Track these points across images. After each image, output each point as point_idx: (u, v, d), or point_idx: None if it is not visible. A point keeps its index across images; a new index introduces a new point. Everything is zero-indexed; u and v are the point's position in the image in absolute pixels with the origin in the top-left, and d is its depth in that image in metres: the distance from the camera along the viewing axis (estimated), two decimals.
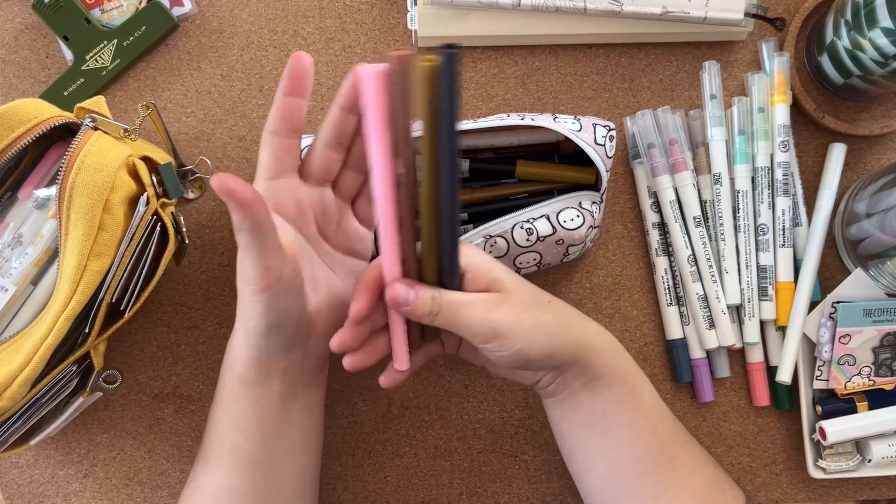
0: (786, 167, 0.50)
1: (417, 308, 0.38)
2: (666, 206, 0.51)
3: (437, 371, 0.53)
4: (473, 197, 0.50)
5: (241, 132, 0.53)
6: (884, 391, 0.50)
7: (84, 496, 0.52)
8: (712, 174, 0.51)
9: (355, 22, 0.53)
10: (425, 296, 0.38)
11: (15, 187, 0.44)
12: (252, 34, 0.53)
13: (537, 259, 0.48)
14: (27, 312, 0.42)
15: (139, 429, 0.52)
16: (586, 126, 0.46)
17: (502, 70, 0.54)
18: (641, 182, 0.52)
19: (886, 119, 0.53)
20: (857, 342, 0.49)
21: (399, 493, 0.53)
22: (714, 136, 0.51)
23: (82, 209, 0.39)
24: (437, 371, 0.53)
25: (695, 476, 0.44)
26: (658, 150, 0.50)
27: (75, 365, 0.44)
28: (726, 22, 0.51)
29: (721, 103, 0.51)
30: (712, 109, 0.51)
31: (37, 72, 0.53)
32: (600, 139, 0.46)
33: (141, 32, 0.52)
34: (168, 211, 0.45)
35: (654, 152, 0.50)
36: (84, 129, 0.41)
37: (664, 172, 0.50)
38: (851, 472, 0.50)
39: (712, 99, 0.51)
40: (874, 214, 0.47)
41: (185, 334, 0.53)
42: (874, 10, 0.44)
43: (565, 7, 0.50)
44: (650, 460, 0.43)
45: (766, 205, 0.50)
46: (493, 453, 0.53)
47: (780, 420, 0.53)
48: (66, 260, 0.40)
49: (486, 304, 0.38)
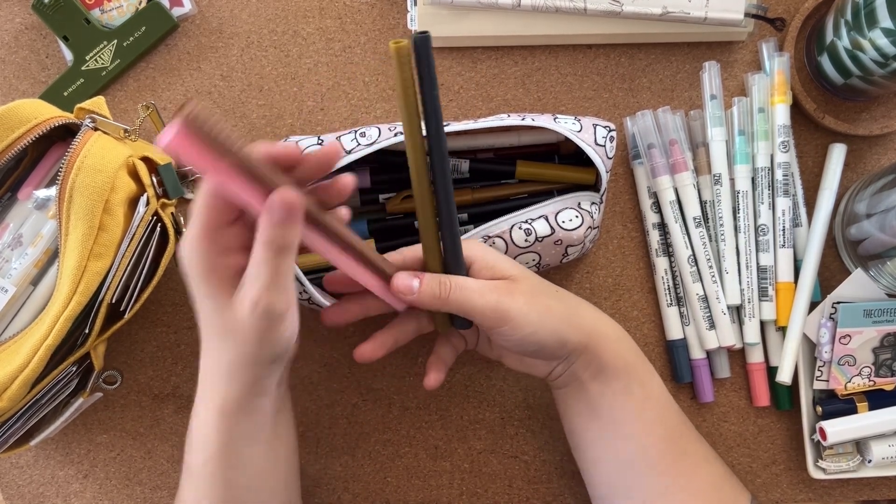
0: (786, 167, 0.50)
1: (425, 293, 0.38)
2: (666, 206, 0.51)
3: None
4: (474, 197, 0.50)
5: (242, 133, 0.53)
6: (884, 391, 0.50)
7: (84, 496, 0.52)
8: (712, 174, 0.51)
9: (355, 22, 0.53)
10: (431, 280, 0.39)
11: (15, 188, 0.44)
12: (252, 34, 0.53)
13: (536, 260, 0.48)
14: (27, 313, 0.42)
15: (139, 429, 0.52)
16: (586, 126, 0.46)
17: (502, 70, 0.53)
18: (641, 182, 0.52)
19: (886, 119, 0.53)
20: (858, 343, 0.49)
21: (399, 493, 0.53)
22: (714, 136, 0.51)
23: (82, 210, 0.39)
24: None
25: (702, 469, 0.44)
26: (658, 150, 0.50)
27: (75, 365, 0.44)
28: (726, 22, 0.51)
29: (721, 103, 0.51)
30: (712, 110, 0.51)
31: (37, 72, 0.53)
32: (600, 140, 0.46)
33: (141, 33, 0.52)
34: (168, 211, 0.45)
35: (655, 152, 0.50)
36: (84, 130, 0.41)
37: (664, 173, 0.50)
38: (851, 472, 0.50)
39: (712, 99, 0.51)
40: (874, 215, 0.47)
41: (185, 334, 0.53)
42: (874, 11, 0.44)
43: (565, 7, 0.50)
44: (658, 452, 0.43)
45: (766, 205, 0.50)
46: (493, 453, 0.53)
47: (781, 420, 0.53)
48: (66, 260, 0.40)
49: (496, 288, 0.39)
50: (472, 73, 0.53)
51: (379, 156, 0.47)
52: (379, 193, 0.50)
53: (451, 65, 0.53)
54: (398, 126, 0.47)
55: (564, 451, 0.53)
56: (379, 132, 0.46)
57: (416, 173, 0.38)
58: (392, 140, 0.45)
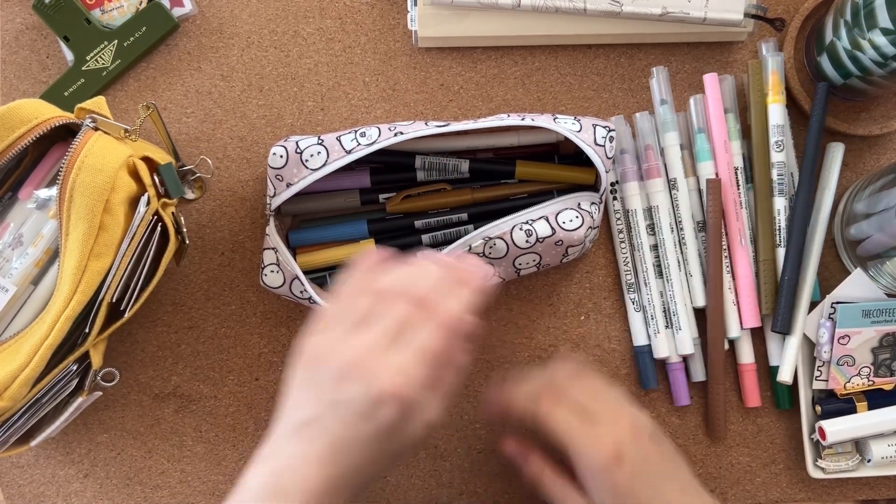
0: (780, 167, 0.50)
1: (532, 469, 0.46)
2: (631, 214, 0.51)
3: None
4: (474, 197, 0.50)
5: (242, 133, 0.53)
6: (883, 391, 0.50)
7: (84, 496, 0.52)
8: (668, 179, 0.51)
9: (355, 22, 0.53)
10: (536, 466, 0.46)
11: (16, 187, 0.44)
12: (252, 35, 0.53)
13: (537, 260, 0.48)
14: (28, 312, 0.43)
15: (139, 429, 0.53)
16: (586, 127, 0.46)
17: (502, 70, 0.54)
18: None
19: (886, 119, 0.53)
20: (857, 343, 0.49)
21: (399, 493, 0.53)
22: (668, 141, 0.51)
23: (83, 209, 0.39)
24: None
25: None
26: (630, 155, 0.51)
27: (75, 364, 0.44)
28: (726, 22, 0.51)
29: (672, 108, 0.51)
30: (663, 115, 0.51)
31: (37, 72, 0.53)
32: (600, 140, 0.46)
33: (141, 33, 0.52)
34: (168, 211, 0.45)
35: (626, 157, 0.51)
36: (84, 130, 0.41)
37: (633, 179, 0.51)
38: (851, 472, 0.50)
39: (662, 104, 0.51)
40: (873, 215, 0.48)
41: (185, 334, 0.53)
42: (873, 11, 0.44)
43: (565, 7, 0.50)
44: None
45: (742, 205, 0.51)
46: (493, 453, 0.53)
47: (780, 420, 0.53)
48: (66, 260, 0.40)
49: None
50: (472, 73, 0.54)
51: (379, 156, 0.47)
52: (379, 193, 0.50)
53: (451, 65, 0.54)
54: (398, 125, 0.47)
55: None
56: (379, 132, 0.46)
57: None
58: (392, 140, 0.45)
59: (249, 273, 0.53)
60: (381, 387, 0.35)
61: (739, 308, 0.51)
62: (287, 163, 0.46)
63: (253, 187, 0.53)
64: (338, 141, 0.46)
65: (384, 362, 0.36)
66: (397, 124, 0.47)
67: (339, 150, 0.46)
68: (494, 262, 0.47)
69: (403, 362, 0.36)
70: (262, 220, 0.53)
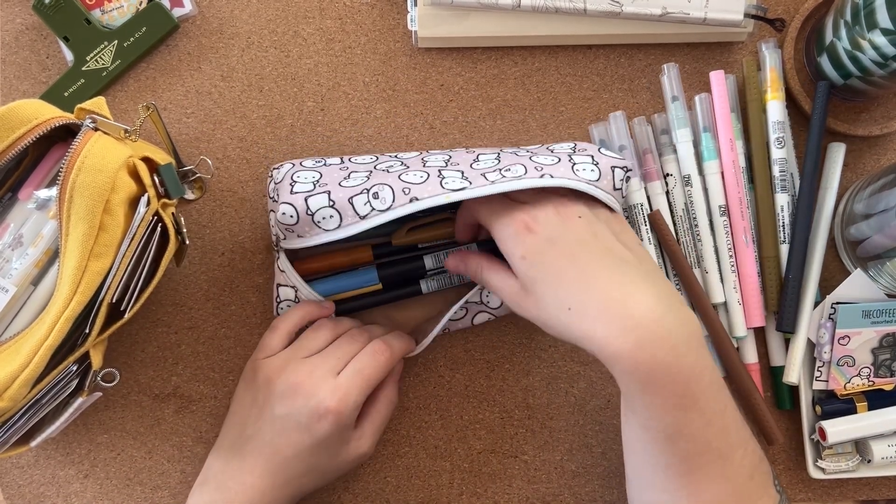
0: (782, 164, 0.50)
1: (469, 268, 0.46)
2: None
3: (438, 371, 0.53)
4: None
5: (242, 133, 0.53)
6: (883, 391, 0.50)
7: (85, 496, 0.52)
8: (682, 176, 0.51)
9: (355, 23, 0.53)
10: (474, 264, 0.45)
11: (15, 188, 0.44)
12: (252, 35, 0.53)
13: None
14: (27, 313, 0.42)
15: (139, 429, 0.53)
16: (605, 171, 0.43)
17: (502, 70, 0.54)
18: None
19: (886, 120, 0.53)
20: (857, 343, 0.49)
21: (399, 493, 0.53)
22: (680, 138, 0.51)
23: (83, 210, 0.39)
24: (437, 371, 0.53)
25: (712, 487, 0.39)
26: (629, 151, 0.52)
27: (75, 365, 0.44)
28: (726, 23, 0.51)
29: (684, 104, 0.51)
30: (675, 111, 0.51)
31: (37, 72, 0.53)
32: (618, 183, 0.44)
33: (141, 33, 0.52)
34: (169, 211, 0.45)
35: (626, 154, 0.52)
36: (84, 130, 0.41)
37: (634, 176, 0.51)
38: (851, 472, 0.50)
39: (674, 101, 0.51)
40: (873, 215, 0.48)
41: (185, 334, 0.53)
42: (874, 11, 0.44)
43: (565, 8, 0.50)
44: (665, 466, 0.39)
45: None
46: (493, 453, 0.53)
47: (780, 420, 0.53)
48: (66, 261, 0.40)
49: (511, 293, 0.42)
50: (472, 73, 0.54)
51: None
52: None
53: (451, 65, 0.54)
54: (412, 189, 0.43)
55: (564, 451, 0.53)
56: (393, 194, 0.43)
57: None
58: (407, 209, 0.43)
59: (249, 273, 0.53)
60: (322, 402, 0.43)
61: (745, 307, 0.51)
62: (298, 221, 0.44)
63: (253, 187, 0.53)
64: (350, 205, 0.44)
65: (326, 383, 0.43)
66: (409, 173, 0.44)
67: (352, 214, 0.44)
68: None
69: (343, 384, 0.44)
70: (263, 220, 0.53)
